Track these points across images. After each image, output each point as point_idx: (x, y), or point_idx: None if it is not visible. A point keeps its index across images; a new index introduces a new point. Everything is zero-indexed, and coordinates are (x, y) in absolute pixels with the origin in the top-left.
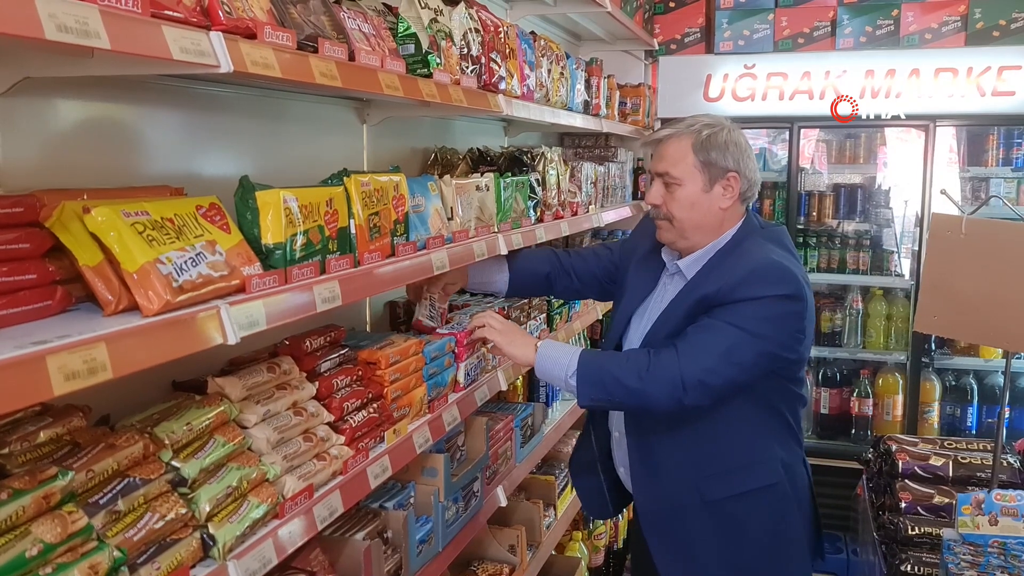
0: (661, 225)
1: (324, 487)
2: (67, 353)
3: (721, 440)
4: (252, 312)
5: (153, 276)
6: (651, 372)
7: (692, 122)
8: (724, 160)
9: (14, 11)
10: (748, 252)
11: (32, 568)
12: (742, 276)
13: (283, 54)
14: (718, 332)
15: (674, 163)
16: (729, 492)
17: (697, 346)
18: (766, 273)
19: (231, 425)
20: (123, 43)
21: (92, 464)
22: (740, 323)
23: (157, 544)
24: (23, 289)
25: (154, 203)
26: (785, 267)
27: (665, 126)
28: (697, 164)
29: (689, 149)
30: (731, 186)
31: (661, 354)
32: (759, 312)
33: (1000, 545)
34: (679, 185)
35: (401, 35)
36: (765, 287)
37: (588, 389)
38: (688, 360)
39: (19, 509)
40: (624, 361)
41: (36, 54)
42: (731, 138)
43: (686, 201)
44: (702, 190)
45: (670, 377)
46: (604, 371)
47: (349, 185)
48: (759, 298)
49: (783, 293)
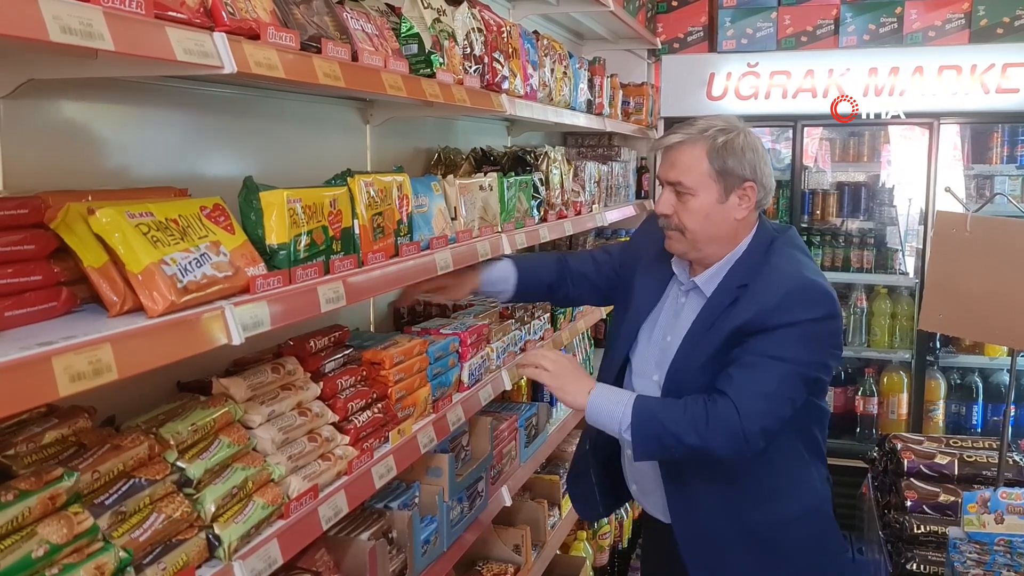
0: (672, 236)
1: (329, 487)
2: (73, 354)
3: (757, 471)
4: (256, 313)
5: (158, 277)
6: (711, 427)
7: (705, 125)
8: (741, 168)
9: (19, 13)
10: (777, 268)
11: (38, 569)
12: (778, 300)
13: (286, 55)
14: (766, 371)
15: (687, 171)
16: (771, 520)
17: (751, 392)
18: (802, 295)
19: (236, 426)
20: (127, 44)
21: (98, 465)
22: (784, 355)
23: (163, 544)
24: (28, 290)
25: (158, 204)
26: (819, 285)
27: (675, 129)
28: (712, 173)
29: (704, 156)
30: (748, 196)
31: (717, 405)
32: (799, 338)
33: (1006, 543)
34: (692, 195)
35: (404, 35)
36: (803, 310)
37: (644, 445)
38: (746, 409)
39: (25, 510)
40: (681, 414)
41: (40, 56)
42: (748, 143)
43: (700, 212)
44: (717, 201)
45: (732, 431)
46: (660, 426)
47: (353, 185)
48: (798, 323)
49: (821, 315)
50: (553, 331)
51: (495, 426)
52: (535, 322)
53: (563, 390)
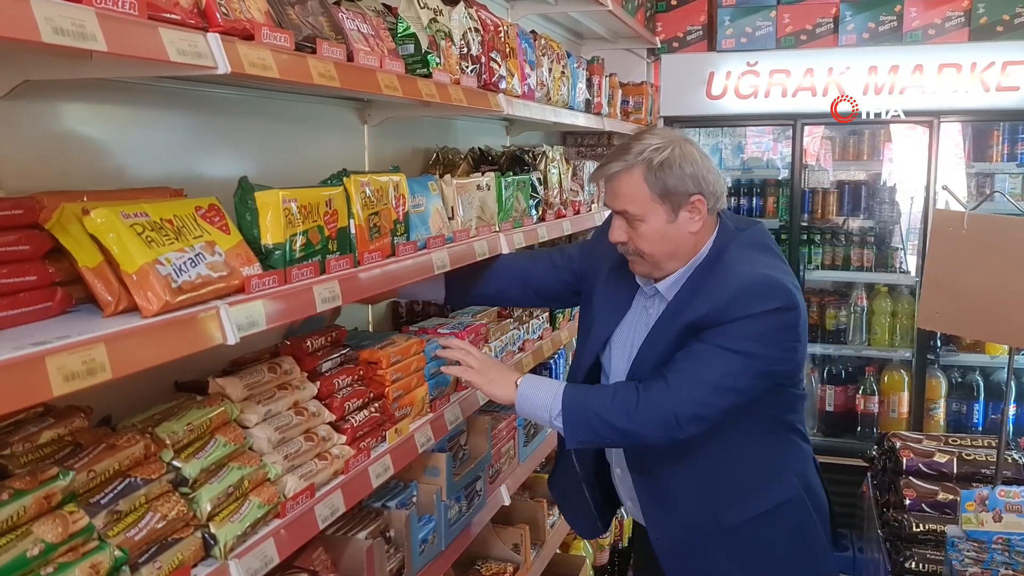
0: (633, 260)
1: (325, 486)
2: (66, 354)
3: (729, 463)
4: (251, 312)
5: (152, 277)
6: (641, 409)
7: (639, 148)
8: (683, 184)
9: (11, 14)
10: (731, 267)
11: (33, 568)
12: (730, 296)
13: (281, 55)
14: (710, 358)
15: (630, 200)
16: (747, 515)
17: (689, 376)
18: (754, 289)
19: (232, 425)
20: (120, 45)
21: (93, 464)
22: (732, 345)
23: (159, 544)
24: (23, 291)
25: (153, 204)
26: (773, 278)
27: (612, 156)
28: (654, 197)
29: (642, 182)
30: (697, 208)
31: (651, 388)
32: (751, 330)
33: (1004, 542)
34: (641, 221)
35: (400, 35)
36: (754, 303)
37: (575, 431)
38: (680, 393)
39: (20, 509)
40: (611, 398)
41: (35, 57)
42: (684, 155)
43: (653, 235)
44: (667, 221)
45: (662, 414)
46: (590, 411)
47: (349, 185)
48: (750, 316)
49: (773, 307)
50: (552, 330)
51: (493, 425)
52: (533, 321)
53: (491, 383)
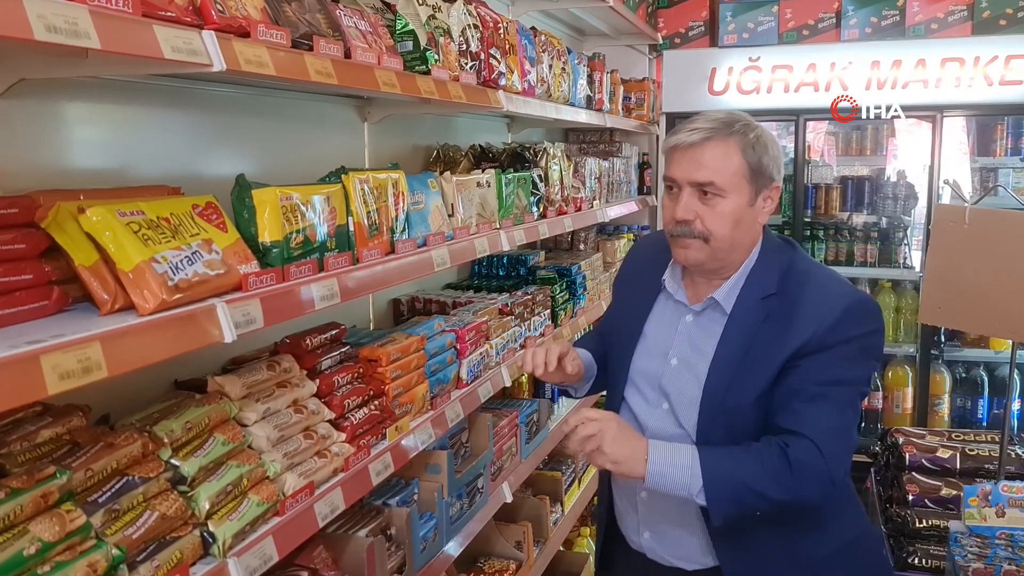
0: (690, 244)
1: (325, 484)
2: (61, 352)
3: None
4: (249, 310)
5: (148, 275)
6: (797, 477)
7: (729, 119)
8: (771, 167)
9: (3, 13)
10: (821, 281)
11: (30, 567)
12: (838, 316)
13: (277, 52)
14: (835, 402)
15: (719, 171)
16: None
17: (828, 429)
18: (860, 310)
19: (231, 423)
20: (114, 43)
21: (91, 463)
22: (847, 377)
23: (157, 542)
24: (19, 289)
25: (150, 203)
26: (869, 298)
27: (691, 124)
28: (747, 172)
29: (738, 153)
30: (772, 198)
31: (798, 450)
32: (856, 356)
33: (1007, 537)
34: (722, 197)
35: (399, 32)
36: (859, 326)
37: (723, 508)
38: (829, 450)
39: (17, 508)
40: (759, 467)
41: (31, 56)
42: (772, 139)
43: (730, 217)
44: (748, 203)
45: (820, 477)
46: (738, 484)
47: (347, 183)
48: (853, 339)
49: (873, 329)
50: (554, 327)
51: (495, 423)
52: (535, 319)
53: (617, 463)
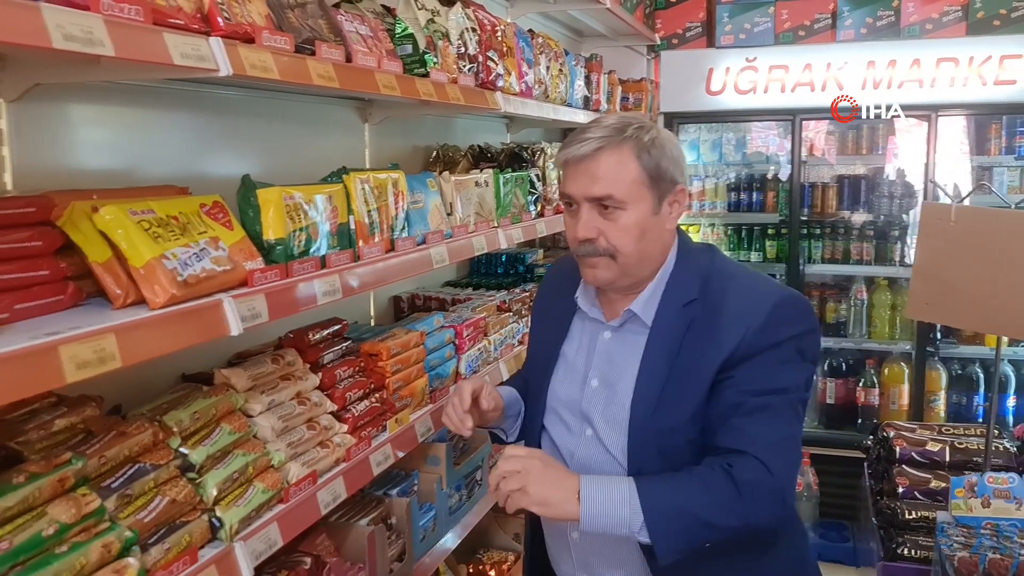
0: (597, 263)
1: (327, 473)
2: (78, 343)
3: None
4: (254, 305)
5: (159, 271)
6: (747, 499)
7: (619, 124)
8: (672, 169)
9: (23, 22)
10: (741, 279)
11: (49, 547)
12: (766, 317)
13: (281, 57)
14: (776, 413)
15: (615, 182)
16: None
17: (772, 443)
18: (789, 308)
19: (237, 414)
20: (126, 50)
21: (104, 450)
22: (785, 384)
23: (167, 526)
24: (36, 284)
25: (160, 202)
26: (798, 294)
27: (580, 135)
28: (645, 179)
29: (633, 160)
30: (679, 202)
31: (743, 470)
32: (790, 358)
33: (993, 527)
34: (623, 210)
35: (398, 36)
36: (790, 325)
37: (671, 543)
38: (779, 468)
39: (36, 491)
40: (704, 494)
41: (46, 62)
42: (670, 139)
43: (635, 229)
44: (651, 212)
45: (772, 498)
46: (686, 516)
47: (348, 183)
48: (786, 340)
49: (807, 328)
50: None
51: None
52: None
53: (545, 504)
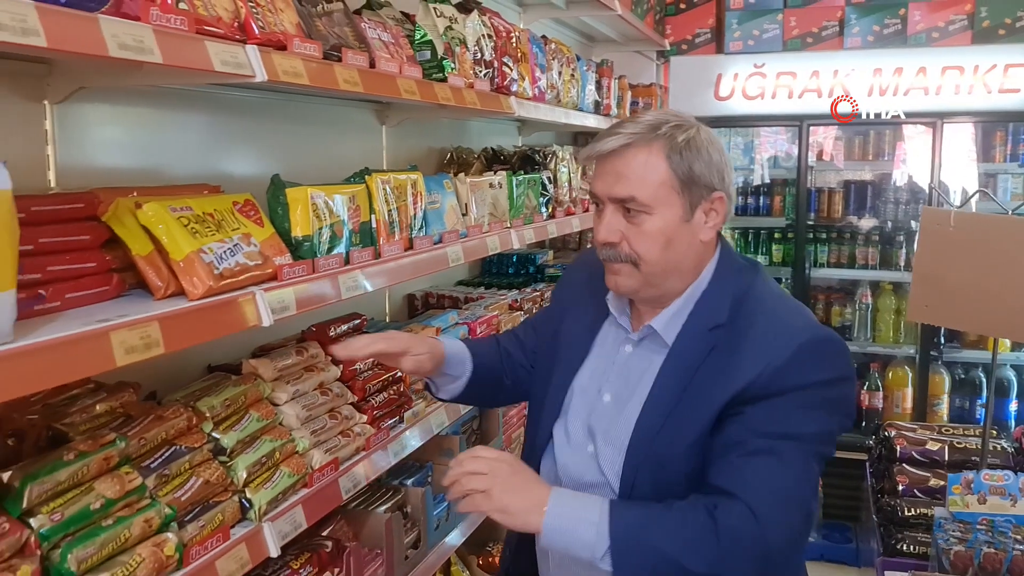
0: (619, 270)
1: (348, 461)
2: (127, 330)
3: None
4: (284, 298)
5: (197, 264)
6: (724, 547)
7: (655, 121)
8: (709, 174)
9: (83, 34)
10: (775, 311)
11: (96, 519)
12: (790, 356)
13: (310, 64)
14: (783, 459)
15: (641, 183)
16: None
17: (771, 491)
18: (819, 350)
19: (264, 402)
20: (173, 57)
21: (144, 433)
22: (801, 430)
23: (202, 505)
24: (85, 276)
25: (196, 199)
26: (834, 336)
27: (614, 128)
28: (674, 183)
29: (662, 161)
30: (716, 211)
31: (729, 514)
32: (812, 405)
33: (988, 523)
34: (648, 214)
35: (418, 42)
36: (819, 370)
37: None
38: (769, 517)
39: (84, 468)
40: (679, 530)
41: (91, 67)
42: (711, 140)
43: (660, 236)
44: (681, 219)
45: (754, 549)
46: (653, 552)
47: (370, 183)
48: (812, 386)
49: (838, 375)
50: None
51: (505, 412)
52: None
53: (506, 512)
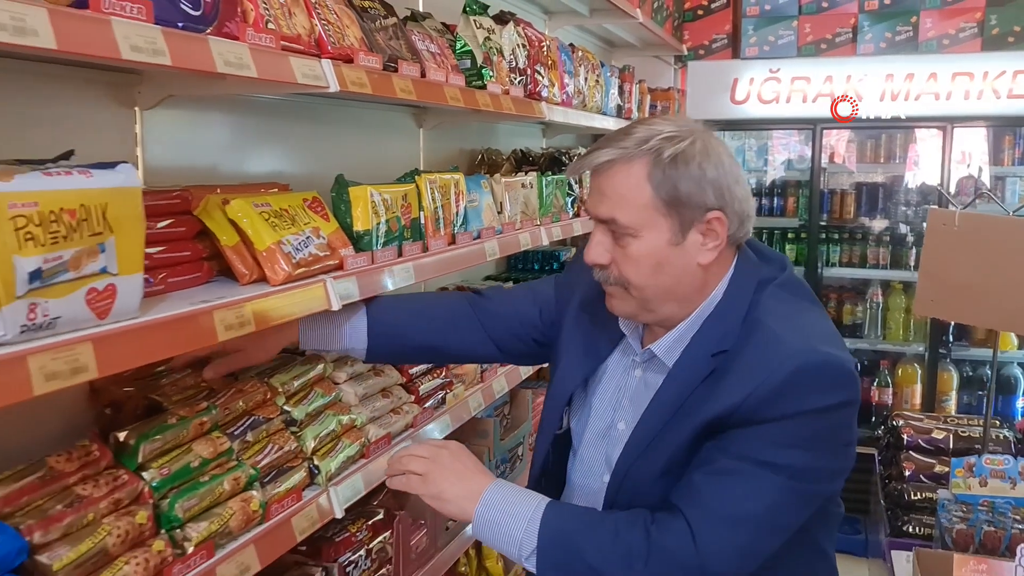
0: (613, 293)
1: (399, 437)
2: (226, 310)
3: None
4: (348, 286)
5: (278, 254)
6: (652, 564)
7: (646, 134)
8: (700, 192)
9: (196, 53)
10: (775, 333)
11: (194, 476)
12: (782, 380)
13: (372, 75)
14: (748, 484)
15: (622, 204)
16: None
17: (721, 514)
18: (816, 375)
19: (327, 381)
20: (265, 72)
21: (228, 404)
22: (778, 460)
23: (278, 469)
24: (182, 263)
25: (272, 196)
26: (837, 359)
27: (606, 140)
28: (658, 204)
29: (644, 181)
30: (714, 231)
31: (667, 530)
32: (802, 436)
33: (989, 504)
34: (633, 237)
35: (459, 52)
36: (813, 396)
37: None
38: (710, 541)
39: (184, 431)
40: (611, 540)
41: (180, 78)
42: (708, 152)
43: (647, 260)
44: (669, 243)
45: (684, 570)
46: (576, 556)
47: (419, 183)
48: (803, 414)
49: (835, 402)
50: None
51: (534, 398)
52: None
53: (441, 498)
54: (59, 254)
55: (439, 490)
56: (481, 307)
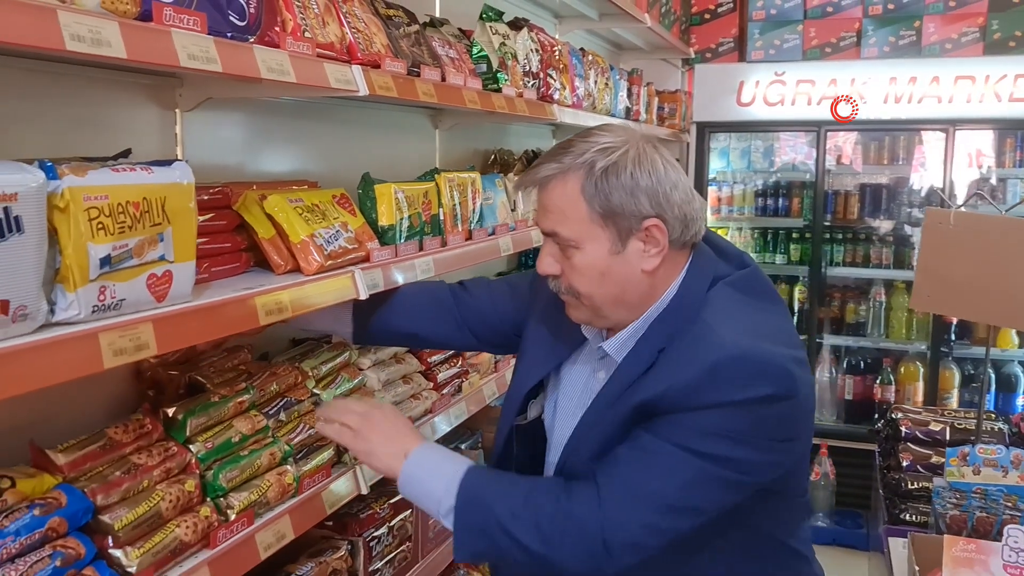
0: (568, 302)
1: (418, 421)
2: (266, 296)
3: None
4: (375, 276)
5: (311, 246)
6: (556, 526)
7: (583, 147)
8: (633, 202)
9: (243, 61)
10: (709, 328)
11: (235, 450)
12: (700, 374)
13: (398, 79)
14: (663, 462)
15: (562, 218)
16: None
17: (628, 485)
18: (736, 366)
19: (352, 367)
20: (302, 77)
21: (263, 386)
22: (695, 444)
23: (308, 447)
24: (223, 254)
25: (303, 192)
26: (765, 353)
27: (548, 155)
28: (593, 216)
29: (578, 195)
30: (654, 238)
31: (575, 496)
32: (724, 424)
33: (982, 492)
34: (576, 248)
35: (475, 56)
36: (733, 388)
37: (469, 539)
38: (614, 509)
39: (225, 409)
40: (521, 502)
41: (219, 81)
42: (640, 161)
43: (591, 270)
44: (610, 252)
45: (585, 537)
46: (490, 516)
47: (439, 180)
48: (722, 405)
49: (759, 395)
50: None
51: None
52: None
53: (371, 453)
54: (125, 242)
55: (369, 448)
56: (461, 299)
